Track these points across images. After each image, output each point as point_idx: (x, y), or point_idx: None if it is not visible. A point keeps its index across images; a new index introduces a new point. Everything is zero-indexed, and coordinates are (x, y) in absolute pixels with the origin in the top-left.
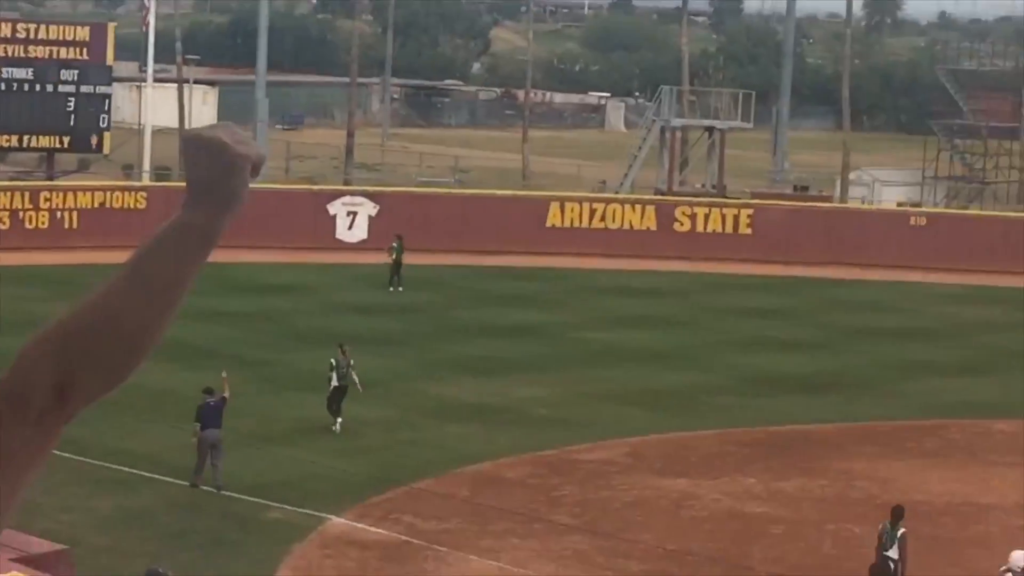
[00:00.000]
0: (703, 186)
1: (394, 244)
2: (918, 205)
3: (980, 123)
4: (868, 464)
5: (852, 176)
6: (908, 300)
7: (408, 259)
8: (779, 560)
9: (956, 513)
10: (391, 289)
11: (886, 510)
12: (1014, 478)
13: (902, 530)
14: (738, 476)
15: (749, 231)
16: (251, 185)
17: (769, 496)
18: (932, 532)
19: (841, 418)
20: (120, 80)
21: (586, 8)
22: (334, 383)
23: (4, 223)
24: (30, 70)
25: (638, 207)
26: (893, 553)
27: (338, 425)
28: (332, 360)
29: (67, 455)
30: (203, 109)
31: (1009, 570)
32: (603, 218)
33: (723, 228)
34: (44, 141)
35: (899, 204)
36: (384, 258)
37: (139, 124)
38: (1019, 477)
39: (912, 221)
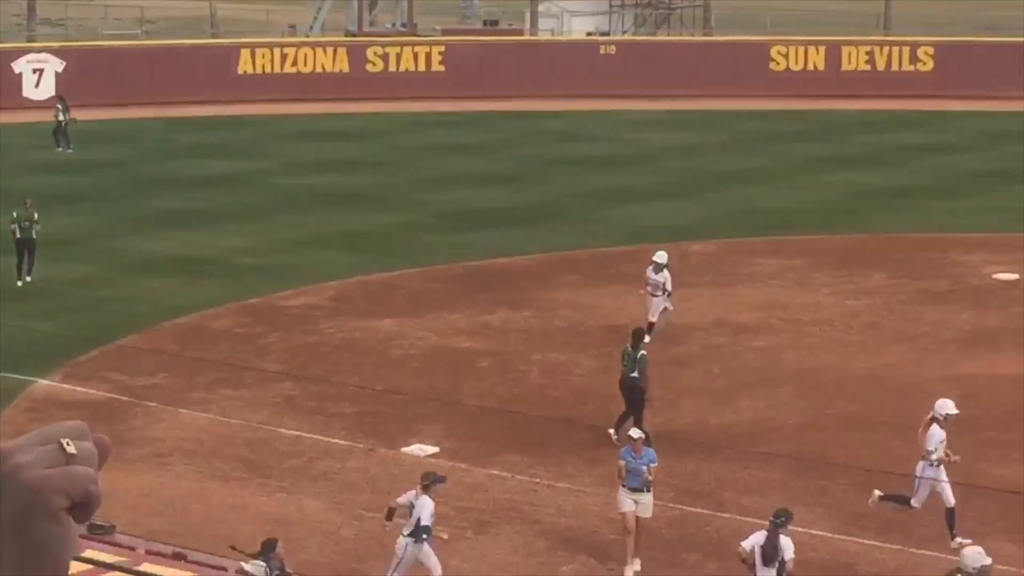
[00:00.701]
0: (393, 25)
1: (58, 106)
2: (607, 34)
3: None
4: (571, 293)
5: (541, 8)
6: (603, 129)
7: (99, 114)
8: (488, 393)
9: (658, 336)
10: (59, 150)
11: (591, 337)
12: (711, 297)
13: (642, 352)
14: (443, 313)
15: (442, 68)
16: None
17: (475, 330)
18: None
19: (542, 249)
20: None
21: None
22: (17, 235)
23: None
24: None
25: (329, 49)
26: (636, 374)
27: (25, 280)
28: (14, 213)
29: None
30: None
31: (959, 570)
32: (295, 62)
33: (415, 67)
34: None
35: (588, 34)
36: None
37: None
38: (716, 296)
39: (602, 50)
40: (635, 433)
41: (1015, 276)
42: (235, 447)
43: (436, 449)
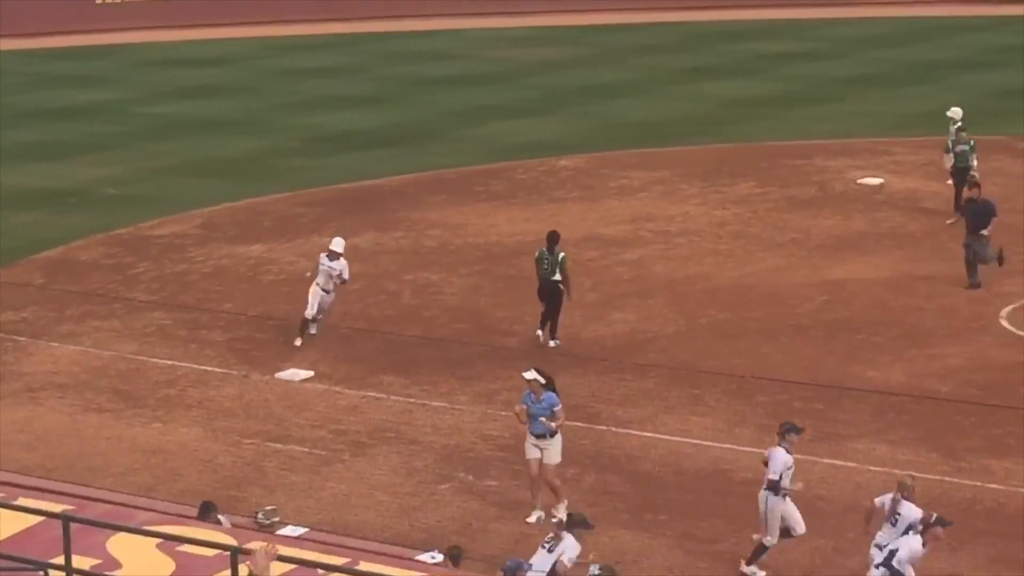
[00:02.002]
0: None
1: None
2: None
3: None
4: (439, 212)
5: None
6: (467, 47)
7: None
8: (361, 315)
9: (529, 251)
10: None
11: (461, 255)
12: (580, 211)
13: (562, 254)
14: (313, 237)
15: None
16: None
17: (345, 253)
18: (506, 272)
19: (410, 169)
20: None
21: None
22: None
23: None
24: None
25: None
26: (557, 276)
27: None
28: None
29: None
30: None
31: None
32: None
33: None
34: None
35: None
36: None
37: None
38: (585, 210)
39: None
40: (529, 375)
41: (879, 180)
42: (108, 379)
43: (311, 373)
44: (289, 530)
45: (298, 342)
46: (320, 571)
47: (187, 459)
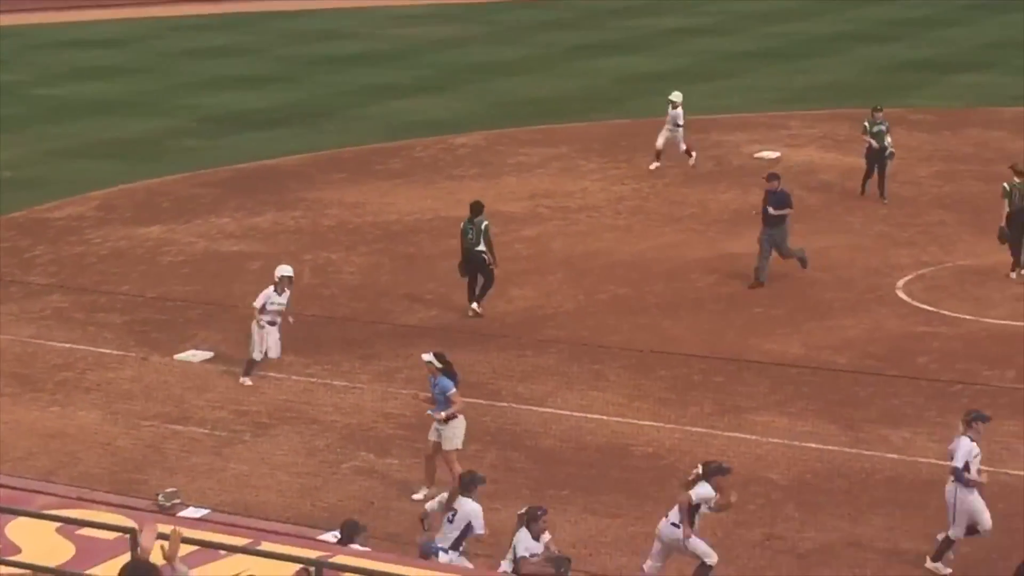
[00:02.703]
0: None
1: None
2: None
3: None
4: (337, 191)
5: None
6: (363, 25)
7: None
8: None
9: (428, 229)
10: None
11: (360, 234)
12: (478, 189)
13: (485, 223)
14: (211, 217)
15: None
16: None
17: (244, 233)
18: (406, 250)
19: (307, 148)
20: None
21: None
22: None
23: None
24: None
25: None
26: (482, 246)
27: None
28: None
29: None
30: None
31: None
32: None
33: None
34: None
35: None
36: None
37: None
38: (483, 187)
39: None
40: (426, 356)
41: (776, 154)
42: (5, 362)
43: (211, 354)
44: (191, 511)
45: (248, 381)
46: (222, 552)
47: (86, 442)
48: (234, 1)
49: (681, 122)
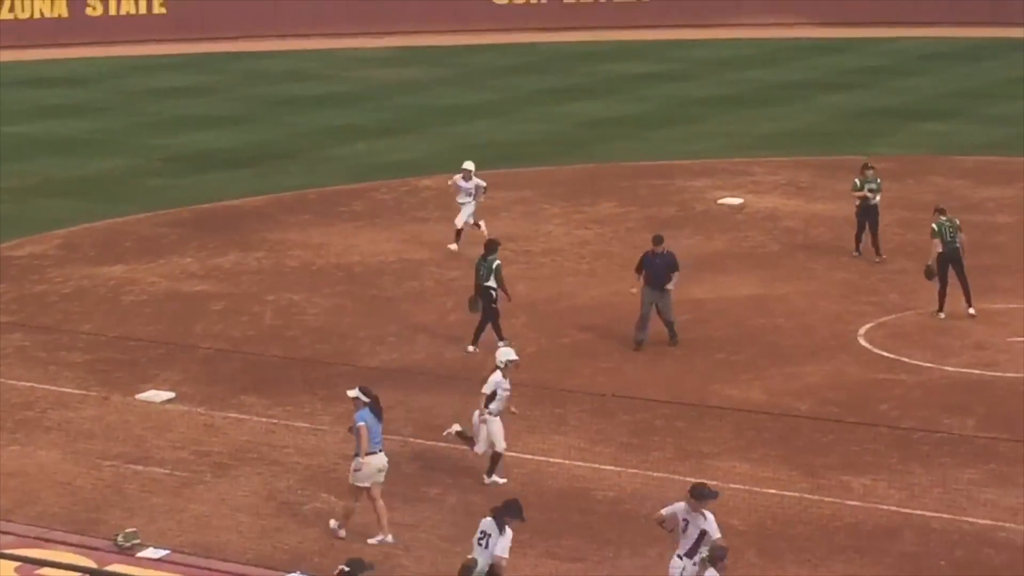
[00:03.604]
0: None
1: None
2: None
3: None
4: (301, 233)
5: None
6: (328, 67)
7: None
8: (221, 335)
9: (391, 271)
10: None
11: (323, 276)
12: (443, 232)
13: (497, 261)
14: (174, 257)
15: (164, 10)
16: None
17: (207, 273)
18: (368, 292)
19: (271, 189)
20: None
21: None
22: None
23: None
24: None
25: None
26: (492, 283)
27: None
28: None
29: None
30: None
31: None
32: (12, 8)
33: (136, 9)
34: None
35: None
36: None
37: None
38: (447, 231)
39: None
40: (351, 392)
41: (739, 200)
42: None
43: (172, 394)
44: (150, 552)
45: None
46: None
47: (45, 482)
48: (198, 42)
49: (479, 194)
